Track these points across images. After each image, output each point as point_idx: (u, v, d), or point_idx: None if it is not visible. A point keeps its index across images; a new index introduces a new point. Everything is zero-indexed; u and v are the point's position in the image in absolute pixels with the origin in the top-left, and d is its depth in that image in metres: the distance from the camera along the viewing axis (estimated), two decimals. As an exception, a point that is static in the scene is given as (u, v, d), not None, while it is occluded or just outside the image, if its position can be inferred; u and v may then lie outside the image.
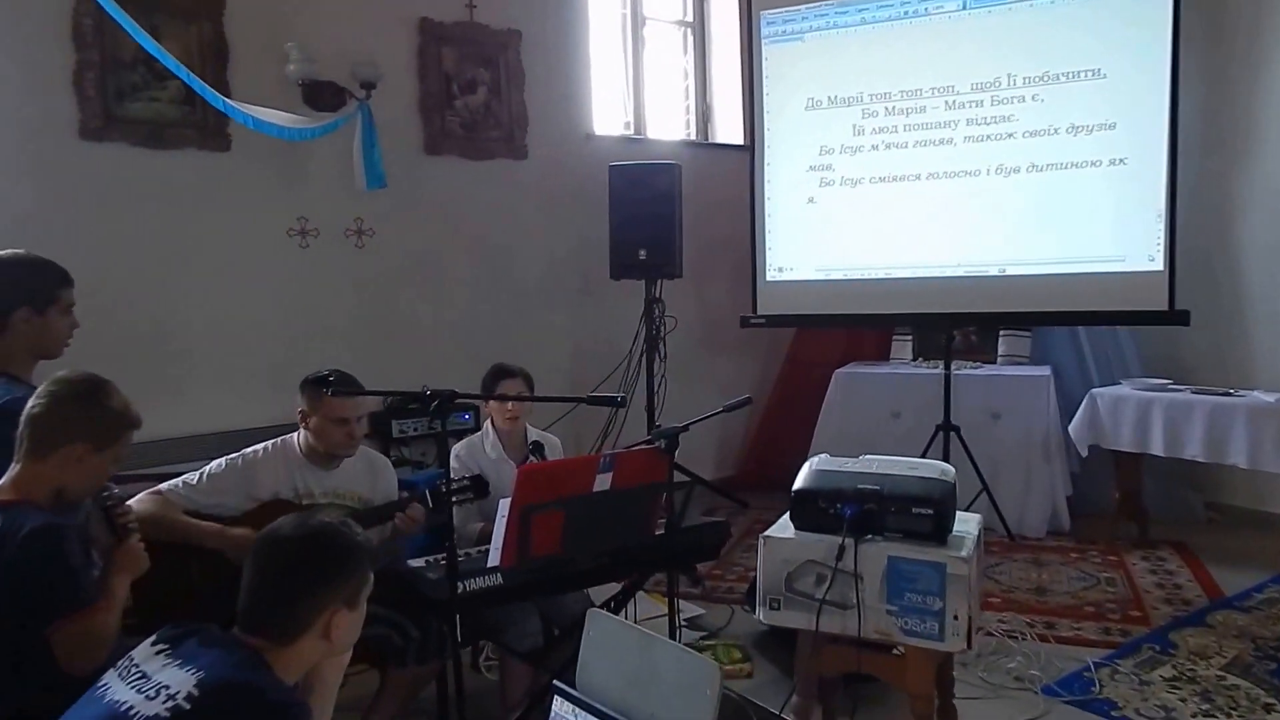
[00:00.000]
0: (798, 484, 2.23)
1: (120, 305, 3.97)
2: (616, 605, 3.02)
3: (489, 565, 2.50)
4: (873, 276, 4.75)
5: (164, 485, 2.74)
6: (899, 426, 5.15)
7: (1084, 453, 4.72)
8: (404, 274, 4.75)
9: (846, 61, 4.69)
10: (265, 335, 4.36)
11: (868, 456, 2.29)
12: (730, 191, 5.36)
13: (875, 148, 4.67)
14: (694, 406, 5.58)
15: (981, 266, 4.53)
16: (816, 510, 2.15)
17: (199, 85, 3.08)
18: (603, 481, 2.66)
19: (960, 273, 4.57)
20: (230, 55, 4.14)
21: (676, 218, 4.75)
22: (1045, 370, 5.05)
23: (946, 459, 4.68)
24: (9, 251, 2.27)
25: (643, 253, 4.73)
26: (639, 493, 2.76)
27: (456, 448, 3.35)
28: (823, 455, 2.37)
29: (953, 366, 5.10)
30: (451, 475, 3.17)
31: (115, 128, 3.91)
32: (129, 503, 2.66)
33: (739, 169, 5.29)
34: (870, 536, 2.10)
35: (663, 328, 5.06)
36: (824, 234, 4.86)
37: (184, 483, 2.76)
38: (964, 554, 2.04)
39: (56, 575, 1.78)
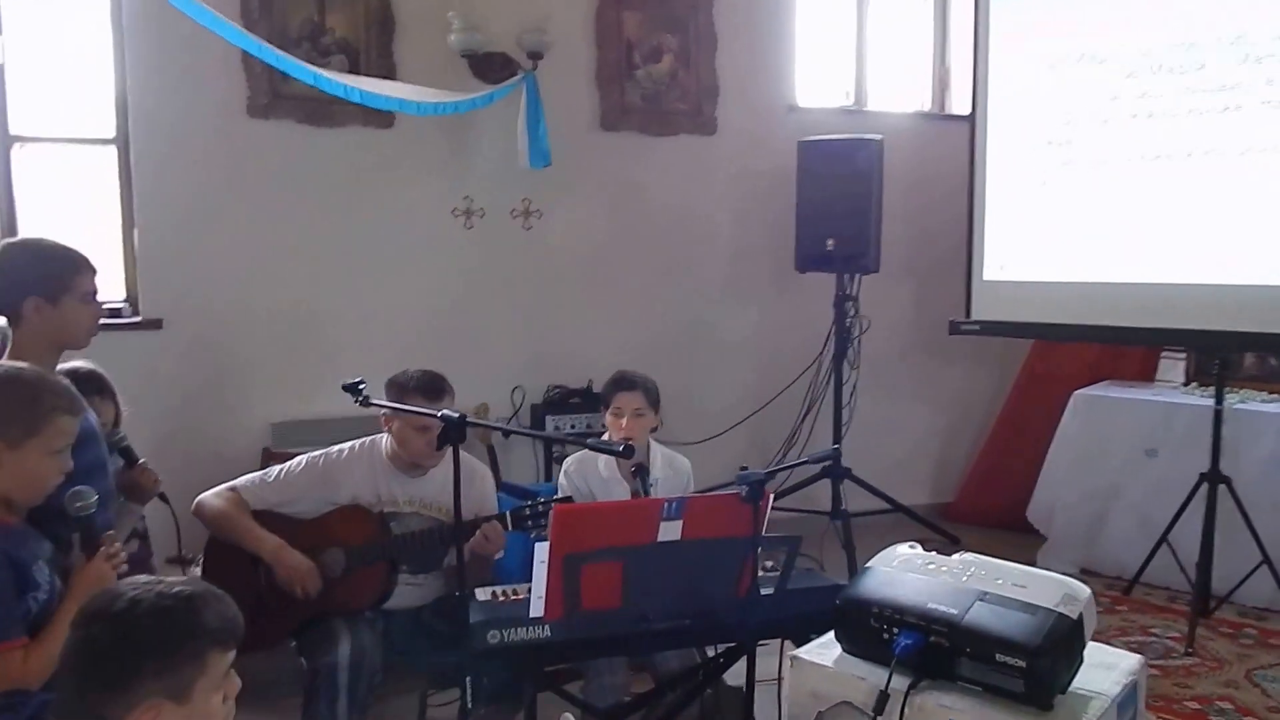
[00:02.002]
0: (849, 588, 1.60)
1: (281, 283, 4.00)
2: (718, 669, 2.55)
3: (531, 615, 2.13)
4: (1121, 280, 3.76)
5: (239, 481, 2.64)
6: (1153, 469, 4.11)
7: None
8: (573, 260, 4.44)
9: (1101, 8, 3.70)
10: (426, 319, 4.24)
11: (967, 556, 1.61)
12: (962, 171, 4.53)
13: (1135, 117, 3.65)
14: (894, 421, 4.94)
15: (1277, 273, 3.42)
16: (867, 630, 1.52)
17: (274, 56, 2.87)
18: (670, 530, 2.19)
19: (1241, 280, 3.48)
20: (396, 28, 4.01)
21: (874, 202, 4.05)
22: (1371, 413, 3.79)
23: (1212, 518, 3.65)
24: (21, 239, 2.18)
25: (830, 242, 4.07)
26: (720, 546, 2.24)
27: (568, 463, 2.99)
28: (904, 546, 1.70)
29: (1238, 397, 4.00)
30: (560, 493, 2.90)
31: (281, 105, 3.90)
32: (201, 496, 2.59)
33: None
34: (937, 681, 1.44)
35: (856, 328, 4.38)
36: (1060, 225, 3.91)
37: (261, 479, 2.64)
38: (1068, 734, 1.33)
39: None
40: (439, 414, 2.08)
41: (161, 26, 3.64)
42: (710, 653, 2.60)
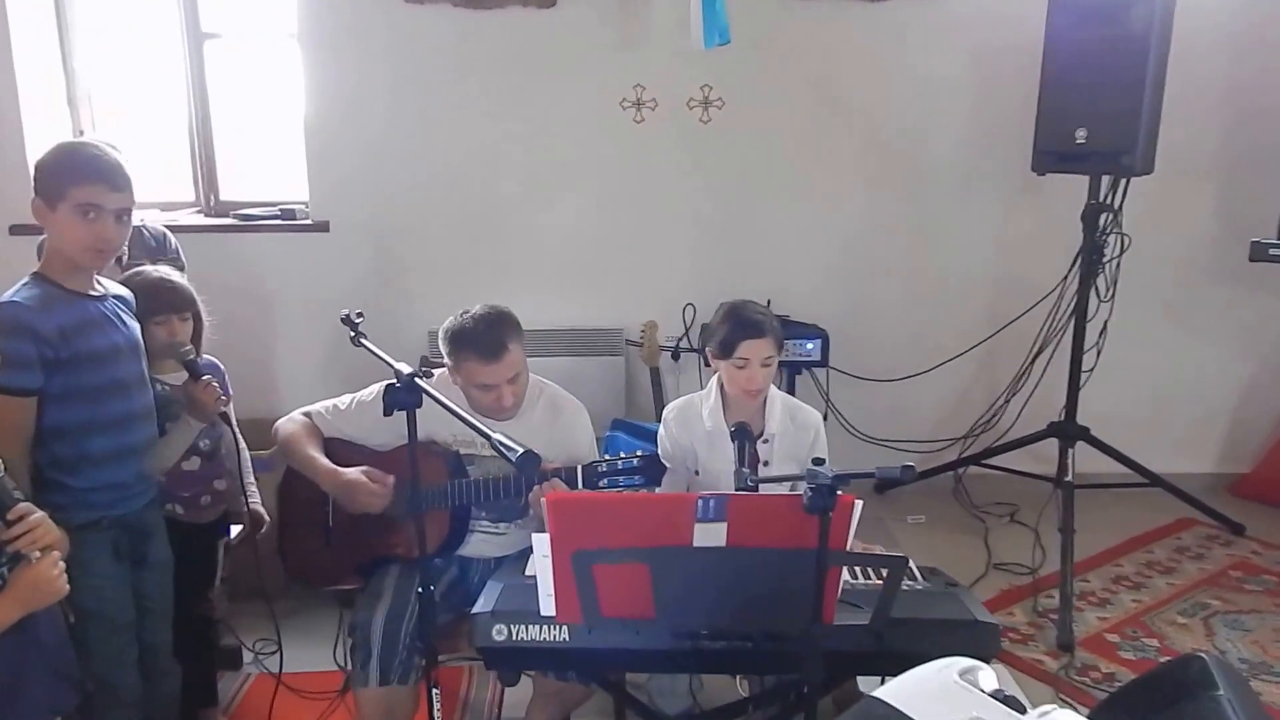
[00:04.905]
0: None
1: (441, 185, 3.79)
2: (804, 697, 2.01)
3: (542, 613, 1.81)
4: None
5: (314, 406, 2.47)
6: None
7: None
8: (759, 157, 3.81)
9: None
10: (591, 225, 3.87)
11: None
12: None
13: None
14: (1165, 370, 3.88)
15: None
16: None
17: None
18: (710, 534, 1.71)
19: None
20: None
21: (1150, 79, 3.00)
22: None
23: None
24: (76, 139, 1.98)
25: (1081, 133, 3.11)
26: (784, 559, 1.70)
27: (668, 411, 2.49)
28: (958, 667, 0.99)
29: None
30: (659, 446, 2.47)
31: (438, -12, 3.59)
32: (279, 422, 2.43)
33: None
34: None
35: (1118, 247, 3.37)
36: None
37: (334, 406, 2.46)
38: None
39: None
40: (395, 367, 1.81)
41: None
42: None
